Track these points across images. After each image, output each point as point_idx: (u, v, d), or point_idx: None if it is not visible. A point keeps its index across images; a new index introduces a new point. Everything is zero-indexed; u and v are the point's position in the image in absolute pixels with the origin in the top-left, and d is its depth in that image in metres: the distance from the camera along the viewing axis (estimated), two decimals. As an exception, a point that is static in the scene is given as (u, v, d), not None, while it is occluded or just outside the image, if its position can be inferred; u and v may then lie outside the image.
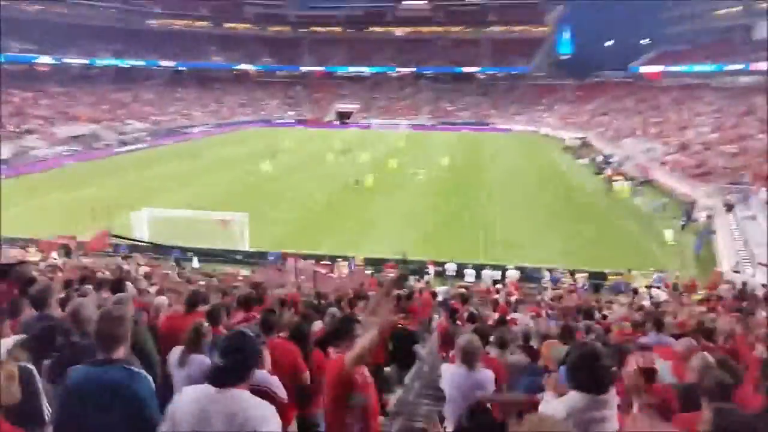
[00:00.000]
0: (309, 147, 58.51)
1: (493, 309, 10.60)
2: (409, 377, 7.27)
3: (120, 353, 3.00)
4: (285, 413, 3.95)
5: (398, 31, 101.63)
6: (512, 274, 20.56)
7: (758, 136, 39.02)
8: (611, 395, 2.64)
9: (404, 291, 13.03)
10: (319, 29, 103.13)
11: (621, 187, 36.89)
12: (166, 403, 4.32)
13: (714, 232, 26.49)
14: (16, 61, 67.05)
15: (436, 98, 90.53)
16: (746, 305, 12.00)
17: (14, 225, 27.11)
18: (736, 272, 20.29)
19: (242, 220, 25.18)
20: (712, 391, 3.11)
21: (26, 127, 52.72)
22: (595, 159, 49.04)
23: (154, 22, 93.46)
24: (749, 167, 33.92)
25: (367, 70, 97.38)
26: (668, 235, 26.08)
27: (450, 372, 4.44)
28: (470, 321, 8.65)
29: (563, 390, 3.07)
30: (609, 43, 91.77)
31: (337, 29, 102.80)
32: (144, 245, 24.13)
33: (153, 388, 2.98)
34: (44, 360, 3.81)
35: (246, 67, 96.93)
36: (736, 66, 59.71)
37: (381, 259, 22.84)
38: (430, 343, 9.10)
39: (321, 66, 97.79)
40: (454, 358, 4.71)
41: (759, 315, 9.85)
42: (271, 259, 22.88)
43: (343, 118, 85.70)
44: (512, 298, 14.40)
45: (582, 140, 59.12)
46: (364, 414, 3.47)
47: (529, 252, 24.29)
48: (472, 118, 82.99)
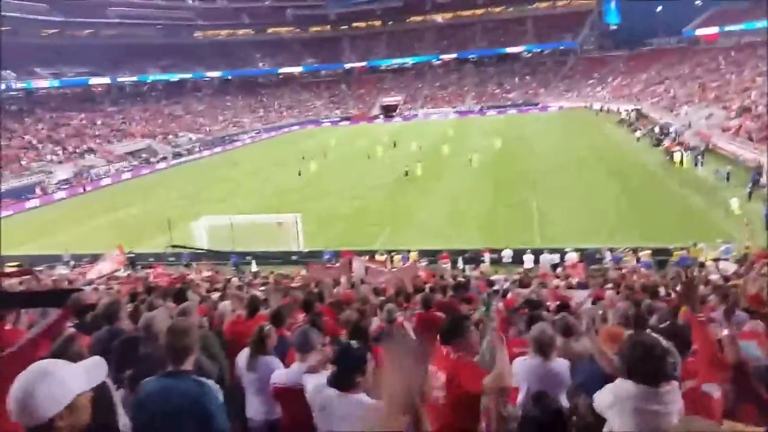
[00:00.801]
0: (357, 143, 58.83)
1: (553, 294, 10.36)
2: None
3: (189, 364, 3.10)
4: None
5: (438, 17, 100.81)
6: (571, 256, 20.01)
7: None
8: (668, 389, 2.50)
9: (460, 279, 13.00)
10: (359, 24, 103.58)
11: (681, 158, 35.35)
12: (235, 407, 4.49)
13: (785, 199, 25.01)
14: (72, 84, 70.40)
15: (482, 82, 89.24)
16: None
17: (80, 242, 28.64)
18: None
19: (295, 221, 25.61)
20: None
21: (85, 147, 55.36)
22: (652, 130, 47.11)
23: (199, 35, 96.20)
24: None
25: (409, 60, 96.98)
26: (735, 205, 24.78)
27: (524, 364, 4.32)
28: (529, 308, 8.46)
29: None
30: (659, 9, 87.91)
31: (377, 23, 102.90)
32: (204, 253, 25.02)
33: (221, 399, 3.06)
34: (126, 371, 4.05)
35: (290, 69, 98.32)
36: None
37: (436, 250, 22.76)
38: (489, 332, 9.01)
39: (363, 61, 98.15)
40: (511, 346, 4.64)
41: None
42: (326, 257, 23.19)
43: (388, 111, 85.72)
44: (573, 280, 14.06)
45: (637, 112, 56.92)
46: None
47: (588, 233, 23.63)
48: (520, 99, 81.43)
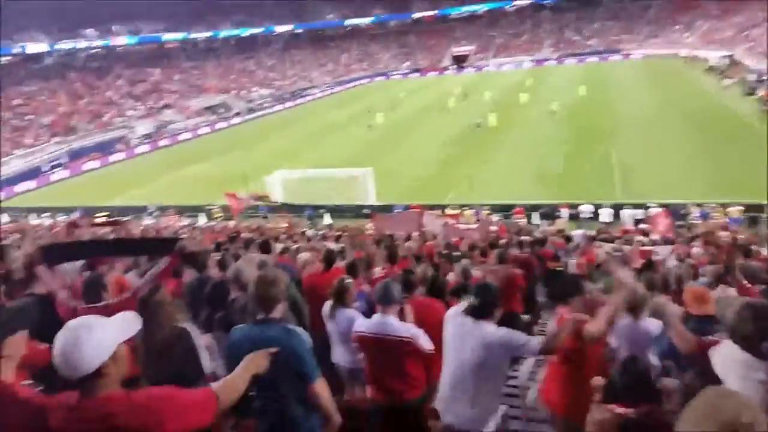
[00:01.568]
0: (427, 96, 57.97)
1: (638, 252, 9.93)
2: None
3: (277, 313, 3.19)
4: (433, 365, 4.06)
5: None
6: (655, 212, 19.11)
7: None
8: None
9: (536, 235, 12.70)
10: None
11: (779, 107, 32.55)
12: (321, 355, 4.64)
13: None
14: (148, 41, 72.64)
15: (559, 29, 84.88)
16: None
17: (163, 194, 30.15)
18: None
19: (367, 175, 25.77)
20: None
21: (163, 103, 57.52)
22: (745, 78, 43.47)
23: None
24: None
25: (481, 7, 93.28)
26: (841, 157, 22.70)
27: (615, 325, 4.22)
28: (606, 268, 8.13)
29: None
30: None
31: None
32: (279, 206, 25.75)
33: (309, 344, 3.15)
34: (216, 315, 4.28)
35: (358, 21, 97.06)
36: None
37: (510, 204, 22.33)
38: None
39: (432, 10, 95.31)
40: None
41: None
42: (397, 212, 23.28)
43: (459, 61, 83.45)
44: (655, 236, 13.43)
45: (729, 58, 52.54)
46: None
47: (673, 187, 22.42)
48: (601, 46, 76.97)
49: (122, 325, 2.10)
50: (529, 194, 23.79)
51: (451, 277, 6.92)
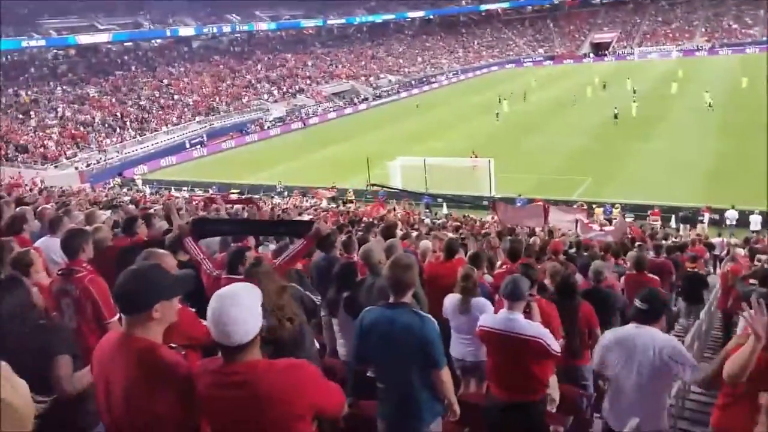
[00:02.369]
0: (561, 85, 55.59)
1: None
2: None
3: (408, 297, 3.21)
4: (550, 367, 4.00)
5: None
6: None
7: None
8: None
9: (675, 240, 11.73)
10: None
11: None
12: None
13: None
14: (286, 26, 76.09)
15: (716, 16, 77.19)
16: None
17: (291, 175, 31.65)
18: None
19: (488, 166, 25.24)
20: None
21: (297, 87, 60.19)
22: None
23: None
24: None
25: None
26: None
27: None
28: (763, 282, 7.21)
29: None
30: None
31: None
32: (399, 192, 25.98)
33: (438, 331, 3.15)
34: (343, 293, 4.41)
35: (494, 6, 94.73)
36: None
37: (645, 204, 20.83)
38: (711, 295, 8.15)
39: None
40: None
41: None
42: (518, 205, 22.59)
43: (599, 50, 78.95)
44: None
45: None
46: None
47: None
48: (764, 36, 68.77)
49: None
50: (667, 195, 22.02)
51: (577, 279, 6.56)
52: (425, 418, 3.18)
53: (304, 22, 76.49)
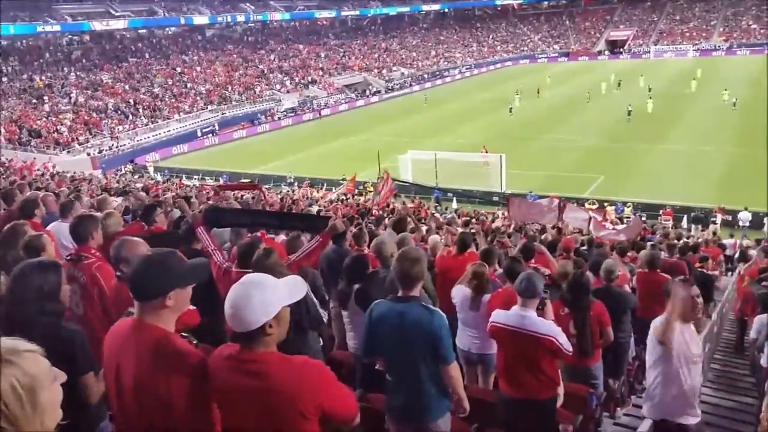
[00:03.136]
0: (575, 81, 55.15)
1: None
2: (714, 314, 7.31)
3: (417, 291, 3.19)
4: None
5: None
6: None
7: None
8: None
9: (687, 241, 11.61)
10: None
11: None
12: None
13: None
14: (300, 17, 75.89)
15: (735, 15, 76.18)
16: None
17: (301, 166, 31.65)
18: None
19: (499, 161, 25.11)
20: None
21: (309, 78, 60.08)
22: None
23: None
24: None
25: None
26: None
27: None
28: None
29: None
30: None
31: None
32: (409, 185, 25.87)
33: (448, 326, 3.13)
34: (353, 285, 4.38)
35: (510, 0, 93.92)
36: None
37: (657, 204, 20.67)
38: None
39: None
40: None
41: None
42: (529, 201, 22.45)
43: (614, 47, 78.14)
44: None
45: None
46: None
47: None
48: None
49: (291, 288, 2.13)
50: (680, 195, 21.83)
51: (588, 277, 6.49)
52: (433, 412, 3.16)
53: (318, 13, 76.22)
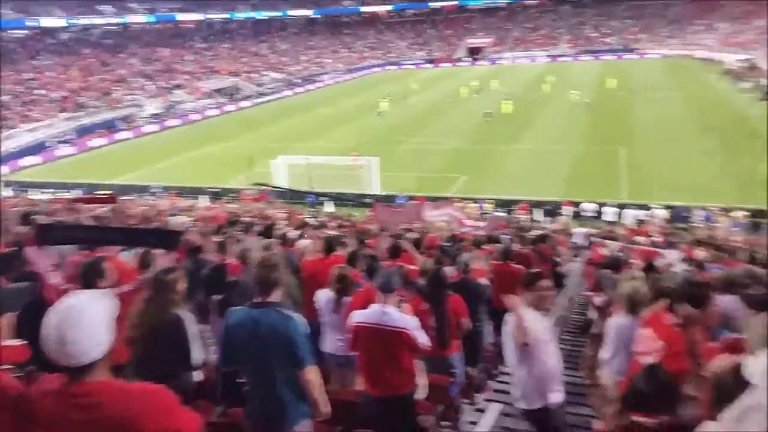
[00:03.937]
0: (439, 86, 57.65)
1: (641, 253, 9.85)
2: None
3: (275, 297, 3.19)
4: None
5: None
6: (659, 213, 19.01)
7: None
8: None
9: (538, 232, 12.63)
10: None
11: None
12: (312, 341, 4.64)
13: None
14: (164, 20, 72.35)
15: (578, 25, 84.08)
16: None
17: (169, 174, 30.15)
18: None
19: (372, 165, 25.65)
20: None
21: (174, 83, 57.37)
22: (758, 82, 42.90)
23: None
24: None
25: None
26: None
27: (615, 323, 4.15)
28: (612, 267, 8.00)
29: None
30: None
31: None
32: (283, 191, 25.64)
33: (306, 331, 3.15)
34: (213, 297, 4.26)
35: (375, 8, 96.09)
36: None
37: (513, 200, 22.26)
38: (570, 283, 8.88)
39: (452, 0, 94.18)
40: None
41: None
42: (399, 202, 23.19)
43: (474, 53, 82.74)
44: (657, 238, 13.33)
45: (748, 62, 51.70)
46: None
47: (680, 189, 22.27)
48: (619, 44, 76.21)
49: (111, 308, 1.93)
50: (533, 190, 23.70)
51: (451, 271, 6.86)
52: (290, 418, 3.15)
53: (183, 16, 73.18)
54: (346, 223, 14.28)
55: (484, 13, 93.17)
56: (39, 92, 47.19)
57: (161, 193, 26.43)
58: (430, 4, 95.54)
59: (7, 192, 26.39)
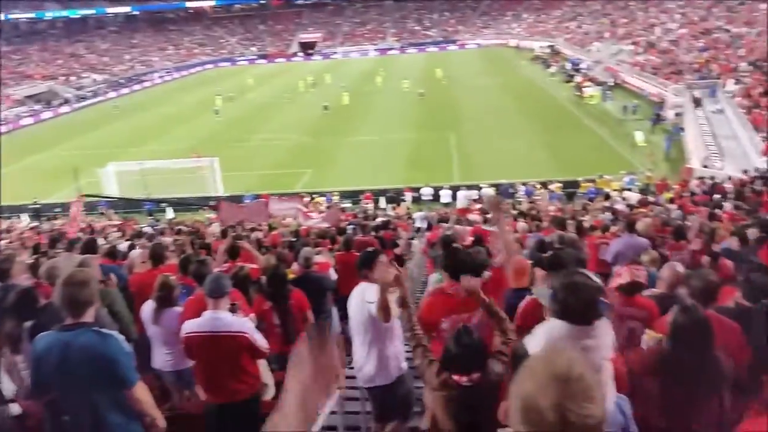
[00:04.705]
0: (275, 82, 56.92)
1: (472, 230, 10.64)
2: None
3: (89, 316, 2.95)
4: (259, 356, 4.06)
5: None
6: (487, 191, 20.66)
7: (726, 27, 38.76)
8: (600, 324, 2.39)
9: (381, 219, 13.14)
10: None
11: (591, 93, 36.74)
12: (143, 359, 4.40)
13: (683, 130, 26.72)
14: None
15: (402, 19, 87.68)
16: (715, 198, 12.32)
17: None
18: (705, 167, 20.69)
19: (213, 165, 24.67)
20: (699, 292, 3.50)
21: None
22: (563, 67, 48.37)
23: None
24: (717, 60, 33.75)
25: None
26: (639, 137, 26.31)
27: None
28: (445, 245, 8.55)
29: None
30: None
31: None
32: (117, 201, 23.67)
33: (125, 349, 2.97)
34: (24, 324, 3.83)
35: (200, 3, 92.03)
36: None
37: (359, 190, 22.81)
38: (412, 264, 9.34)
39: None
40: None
41: (726, 207, 10.11)
42: (246, 202, 22.62)
43: (307, 48, 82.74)
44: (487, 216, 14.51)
45: (551, 48, 58.00)
46: None
47: (504, 168, 24.38)
48: (440, 36, 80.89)
49: None
50: (376, 179, 24.47)
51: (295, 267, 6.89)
52: None
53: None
54: (188, 229, 13.63)
55: (312, 8, 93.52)
56: None
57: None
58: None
59: None
